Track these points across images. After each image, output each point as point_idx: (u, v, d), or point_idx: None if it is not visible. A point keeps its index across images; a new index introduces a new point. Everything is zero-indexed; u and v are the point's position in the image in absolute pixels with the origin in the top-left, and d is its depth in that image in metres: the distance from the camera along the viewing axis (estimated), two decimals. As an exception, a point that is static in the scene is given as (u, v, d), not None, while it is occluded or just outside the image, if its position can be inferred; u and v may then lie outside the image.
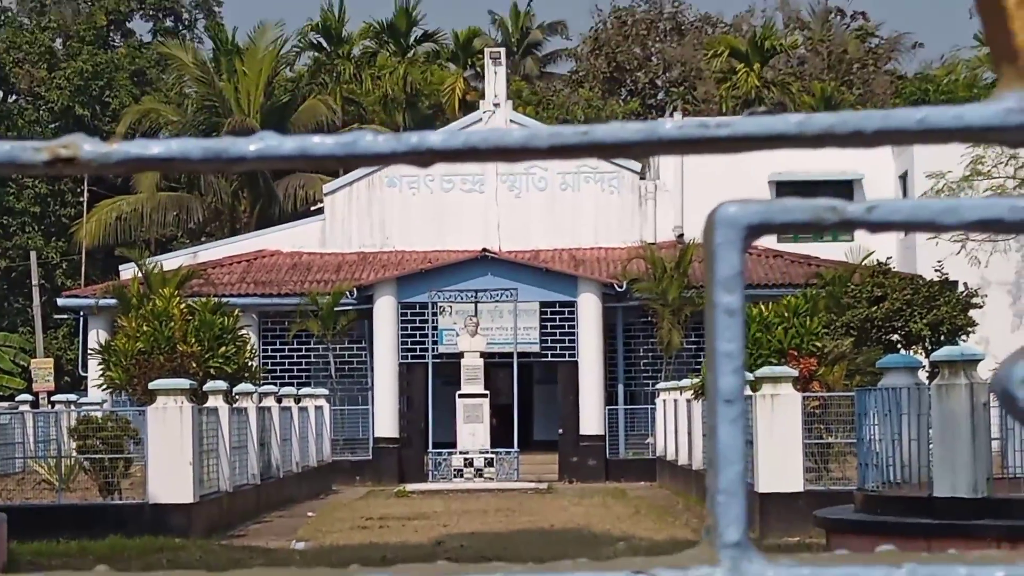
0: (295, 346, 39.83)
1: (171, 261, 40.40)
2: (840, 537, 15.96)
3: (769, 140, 0.76)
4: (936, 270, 33.34)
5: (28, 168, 0.89)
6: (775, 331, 29.30)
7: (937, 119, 0.78)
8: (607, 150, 0.88)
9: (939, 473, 15.54)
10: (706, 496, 0.68)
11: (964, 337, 30.97)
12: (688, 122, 0.82)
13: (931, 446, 17.07)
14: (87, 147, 0.88)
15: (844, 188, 41.58)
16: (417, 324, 38.24)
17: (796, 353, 28.17)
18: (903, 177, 40.70)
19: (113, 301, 36.34)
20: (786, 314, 29.69)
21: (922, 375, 19.83)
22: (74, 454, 24.84)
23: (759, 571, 0.65)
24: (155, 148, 0.91)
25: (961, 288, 32.84)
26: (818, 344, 28.91)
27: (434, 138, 0.88)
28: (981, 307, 32.56)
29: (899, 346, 30.72)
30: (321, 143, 0.88)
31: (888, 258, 35.30)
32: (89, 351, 37.30)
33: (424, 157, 0.88)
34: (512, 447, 36.38)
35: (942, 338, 29.76)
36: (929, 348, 28.81)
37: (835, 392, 25.52)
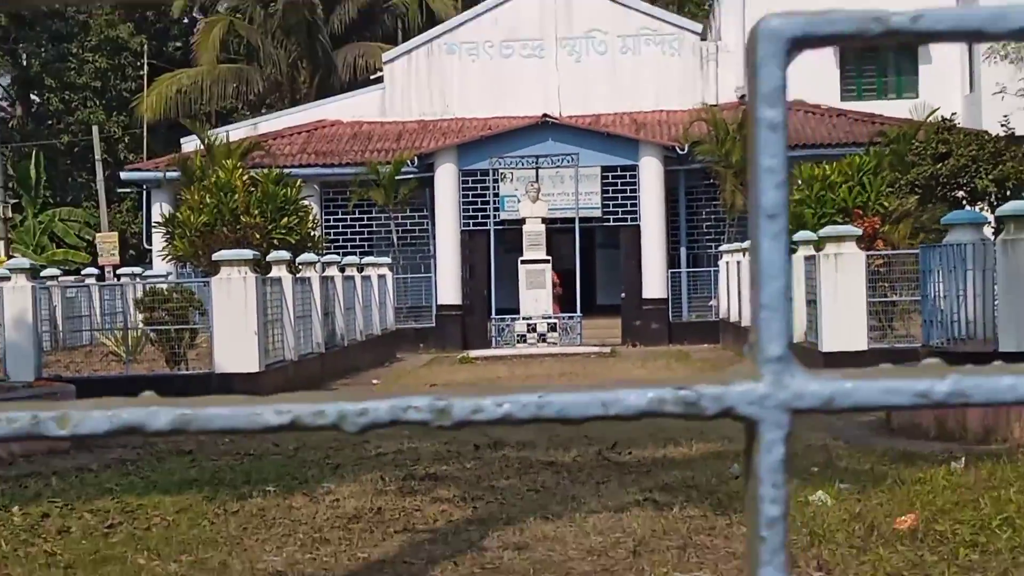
0: (357, 216, 39.93)
1: (232, 133, 40.46)
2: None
3: None
4: (1002, 125, 32.94)
5: None
6: (839, 190, 29.14)
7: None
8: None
9: (1004, 328, 15.47)
10: (750, 314, 0.67)
11: (1030, 193, 30.67)
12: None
13: (996, 302, 16.99)
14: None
15: (909, 44, 41.03)
16: (478, 191, 38.20)
17: (860, 212, 28.01)
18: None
19: (176, 174, 36.50)
20: (850, 172, 29.50)
21: (987, 231, 19.69)
22: (140, 326, 25.10)
23: (801, 385, 0.64)
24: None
25: (1027, 143, 32.42)
26: (883, 203, 28.73)
27: None
28: (1048, 162, 32.17)
29: (964, 203, 30.46)
30: None
31: (953, 114, 34.88)
32: (153, 224, 37.52)
33: None
34: (575, 312, 36.44)
35: (1008, 194, 29.46)
36: (994, 204, 28.56)
37: (899, 250, 25.39)
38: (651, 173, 37.82)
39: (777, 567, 0.63)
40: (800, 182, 29.83)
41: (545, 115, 38.29)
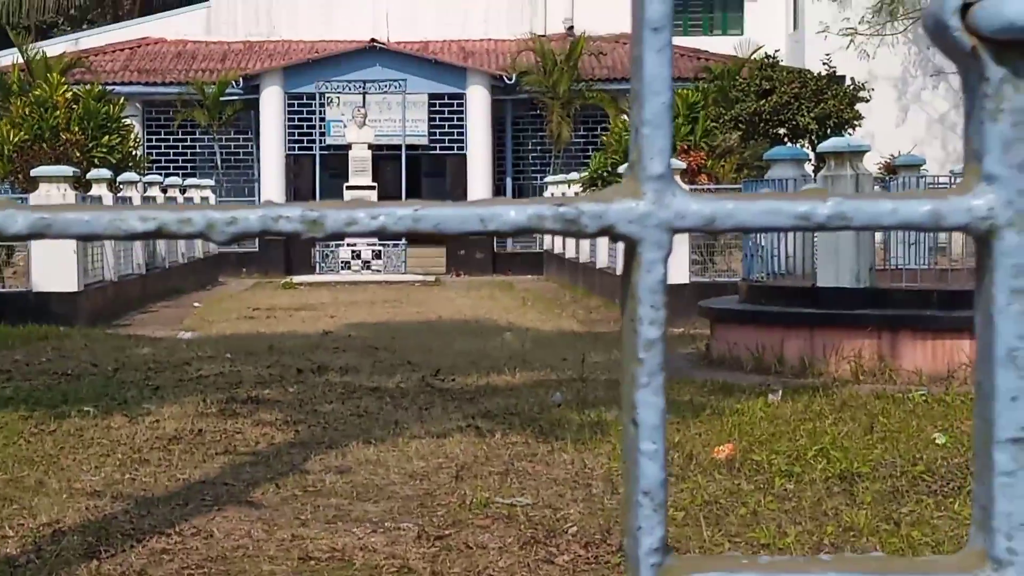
0: (180, 136, 39.36)
1: (52, 48, 39.55)
2: (724, 327, 16.17)
3: None
4: (824, 64, 33.48)
5: None
6: (664, 124, 29.35)
7: None
8: None
9: (823, 264, 15.75)
10: (629, 130, 0.65)
11: (850, 131, 31.25)
12: None
13: (815, 238, 17.28)
14: None
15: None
16: (304, 115, 37.88)
17: (686, 147, 28.30)
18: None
19: (-7, 88, 35.59)
20: (679, 107, 29.77)
21: (808, 168, 20.02)
22: (-45, 242, 24.52)
23: (683, 204, 0.63)
24: None
25: (848, 82, 33.00)
26: (707, 139, 29.06)
27: None
28: (868, 101, 32.77)
29: (786, 139, 30.93)
30: None
31: (776, 51, 35.36)
32: (-31, 139, 36.58)
33: None
34: (399, 240, 36.37)
35: (829, 132, 29.97)
36: (816, 142, 29.04)
37: (723, 185, 25.71)
38: (478, 102, 37.80)
39: (655, 390, 0.62)
40: (626, 115, 30.05)
41: (373, 40, 38.03)
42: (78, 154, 28.23)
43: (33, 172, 23.02)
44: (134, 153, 31.19)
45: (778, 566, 0.65)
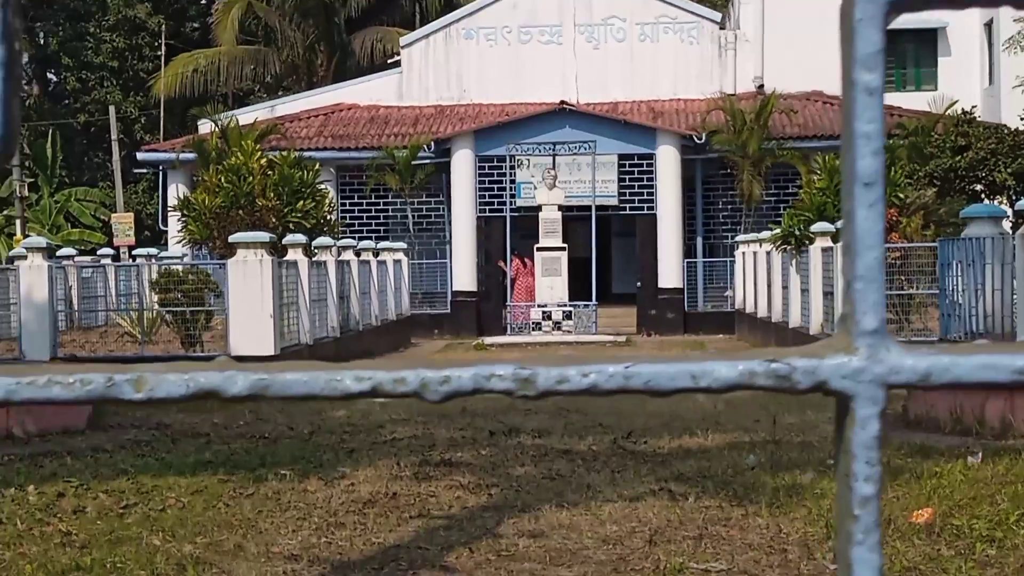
0: (373, 200, 39.93)
1: (249, 115, 40.46)
2: (923, 389, 15.87)
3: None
4: (1021, 118, 32.83)
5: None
6: (856, 182, 29.01)
7: None
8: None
9: (1023, 322, 15.41)
10: (842, 286, 0.65)
11: (1049, 187, 30.56)
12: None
13: (1015, 296, 16.94)
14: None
15: (928, 36, 40.97)
16: (495, 177, 38.17)
17: (877, 204, 27.89)
18: (988, 25, 39.96)
19: (192, 155, 36.51)
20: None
21: (1006, 225, 19.63)
22: (156, 307, 25.13)
23: (897, 359, 0.62)
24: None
25: (1046, 137, 32.28)
26: (900, 195, 28.64)
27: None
28: (1066, 156, 32.03)
29: (983, 196, 30.37)
30: None
31: (972, 107, 34.76)
32: (169, 206, 37.53)
33: None
34: (590, 300, 36.41)
35: (1026, 188, 29.36)
36: (1014, 198, 28.47)
37: (915, 243, 25.32)
38: (668, 162, 37.75)
39: (871, 547, 0.61)
40: (819, 172, 29.77)
41: (562, 102, 38.24)
42: (274, 219, 28.75)
43: (231, 238, 23.51)
44: (328, 218, 31.67)
45: None
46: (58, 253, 30.44)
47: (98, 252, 39.75)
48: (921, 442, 13.83)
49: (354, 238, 33.24)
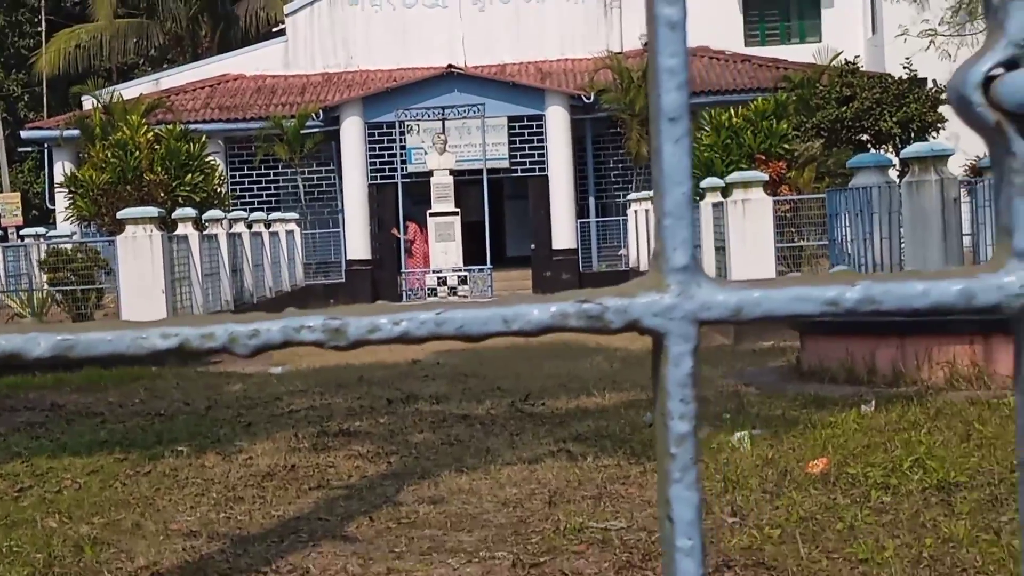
0: (263, 171, 39.67)
1: (133, 89, 40.01)
2: (814, 338, 16.05)
3: None
4: (904, 68, 33.21)
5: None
6: (744, 136, 29.26)
7: None
8: None
9: (911, 268, 15.61)
10: (654, 224, 0.64)
11: (934, 134, 30.97)
12: None
13: (903, 244, 17.14)
14: None
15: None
16: (385, 144, 38.04)
17: (765, 157, 28.15)
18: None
19: (77, 132, 36.06)
20: (755, 118, 29.62)
21: (892, 174, 19.85)
22: (46, 287, 24.83)
23: (708, 295, 0.62)
24: None
25: (930, 85, 32.71)
26: (788, 147, 28.89)
27: None
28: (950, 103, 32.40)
29: (869, 145, 30.70)
30: None
31: (856, 57, 35.12)
32: (56, 184, 37.06)
33: None
34: (485, 264, 36.43)
35: (912, 136, 29.73)
36: (899, 146, 28.81)
37: (805, 195, 25.56)
38: (558, 122, 37.80)
39: (688, 484, 0.61)
40: (706, 128, 29.94)
41: (450, 65, 38.15)
42: (163, 194, 28.50)
43: (119, 214, 23.27)
44: (218, 190, 31.44)
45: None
46: (-57, 236, 29.93)
47: (-15, 234, 39.17)
48: (814, 393, 13.98)
49: (245, 210, 33.02)
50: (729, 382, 15.36)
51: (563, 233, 38.01)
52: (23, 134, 42.56)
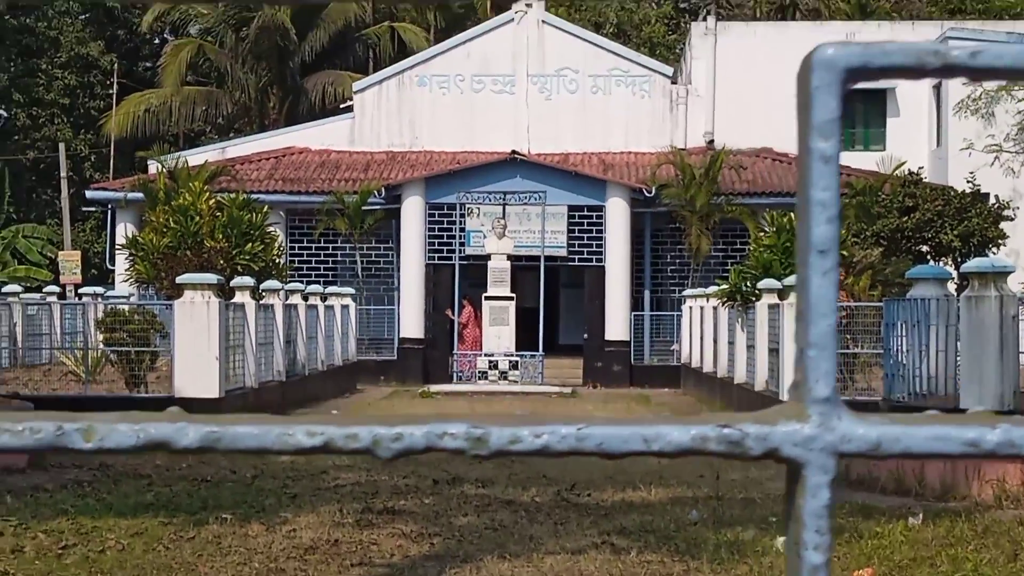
0: (322, 244, 39.86)
1: (199, 156, 40.38)
2: (874, 459, 15.91)
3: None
4: (968, 181, 33.13)
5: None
6: (804, 240, 29.13)
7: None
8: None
9: (966, 385, 15.51)
10: (794, 353, 0.65)
11: (994, 249, 30.83)
12: None
13: (958, 358, 17.03)
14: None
15: (878, 96, 41.30)
16: (444, 225, 38.19)
17: (824, 262, 28.03)
18: (937, 88, 40.33)
19: (140, 195, 36.37)
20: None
21: (951, 287, 19.76)
22: (101, 346, 24.95)
23: (849, 428, 0.62)
24: None
25: (992, 200, 32.60)
26: (846, 253, 28.80)
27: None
28: (1012, 219, 32.34)
29: (929, 257, 30.59)
30: None
31: (920, 168, 35.08)
32: (117, 245, 37.33)
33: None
34: (537, 351, 36.40)
35: (972, 250, 29.61)
36: (959, 260, 28.68)
37: (862, 302, 25.44)
38: (617, 214, 37.86)
39: (818, 615, 0.61)
40: (766, 229, 29.92)
41: (514, 151, 38.31)
42: (222, 261, 28.62)
43: (179, 279, 23.41)
44: (277, 261, 31.56)
45: None
46: (3, 290, 30.20)
47: (44, 290, 39.47)
48: (862, 502, 13.87)
49: (302, 282, 33.12)
50: (778, 485, 15.27)
51: (617, 324, 37.97)
52: (88, 194, 42.97)
